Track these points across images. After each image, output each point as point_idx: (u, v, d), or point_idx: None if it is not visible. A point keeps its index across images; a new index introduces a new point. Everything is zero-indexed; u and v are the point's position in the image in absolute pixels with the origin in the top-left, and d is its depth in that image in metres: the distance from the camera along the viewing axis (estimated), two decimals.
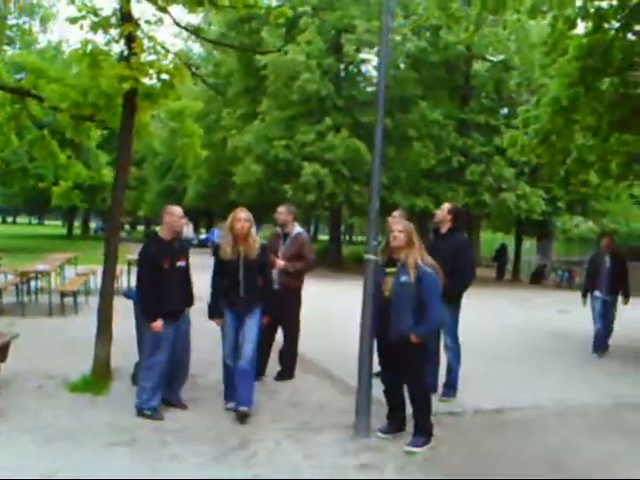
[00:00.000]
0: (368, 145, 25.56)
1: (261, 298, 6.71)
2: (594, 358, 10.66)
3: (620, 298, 11.02)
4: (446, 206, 7.92)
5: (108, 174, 38.42)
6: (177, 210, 6.71)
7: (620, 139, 11.31)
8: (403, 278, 5.91)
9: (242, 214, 6.60)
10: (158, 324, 6.32)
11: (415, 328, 5.86)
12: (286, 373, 8.29)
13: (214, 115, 33.27)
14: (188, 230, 33.89)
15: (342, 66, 29.09)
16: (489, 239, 41.57)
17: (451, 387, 7.70)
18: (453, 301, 7.57)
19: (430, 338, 6.37)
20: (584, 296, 11.12)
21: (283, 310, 7.77)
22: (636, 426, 7.06)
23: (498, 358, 10.20)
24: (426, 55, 27.34)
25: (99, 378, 7.34)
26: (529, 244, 35.69)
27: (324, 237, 59.83)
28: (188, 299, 6.78)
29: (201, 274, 8.10)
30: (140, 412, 6.43)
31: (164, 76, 7.76)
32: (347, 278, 23.64)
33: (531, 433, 6.62)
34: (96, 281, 14.55)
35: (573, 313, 17.01)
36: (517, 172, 26.52)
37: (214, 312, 6.73)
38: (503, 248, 31.31)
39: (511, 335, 12.62)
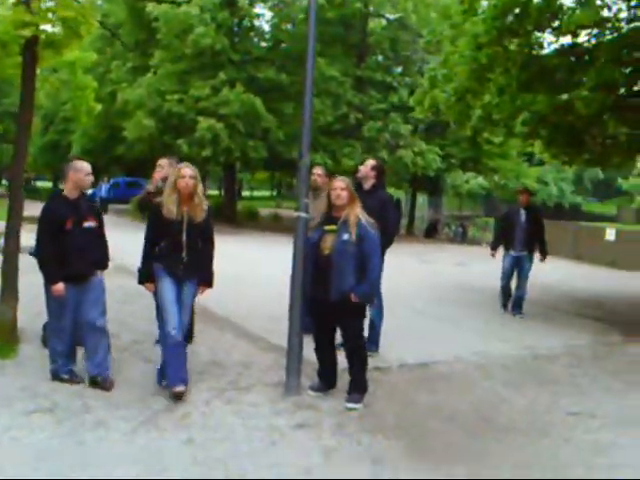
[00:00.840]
0: (263, 100, 25.21)
1: (202, 265, 6.09)
2: (511, 317, 10.45)
3: (537, 255, 10.63)
4: (370, 162, 7.72)
5: None
6: (85, 166, 5.96)
7: (525, 99, 11.44)
8: (345, 236, 5.73)
9: (187, 170, 5.86)
10: (58, 287, 5.72)
11: (356, 287, 5.71)
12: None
13: (102, 68, 31.79)
14: (105, 187, 32.61)
15: (236, 20, 28.33)
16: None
17: (374, 342, 7.61)
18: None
19: (371, 296, 6.16)
20: (494, 249, 11.03)
21: None
22: (553, 376, 7.21)
23: (413, 312, 10.24)
24: (323, 11, 26.97)
25: (5, 341, 6.80)
26: (422, 199, 36.39)
27: (213, 192, 59.07)
28: (98, 262, 6.03)
29: None
30: (56, 376, 5.99)
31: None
32: (244, 234, 23.50)
33: (457, 386, 6.65)
34: None
35: (470, 266, 17.52)
36: (413, 129, 26.78)
37: (145, 276, 6.00)
38: (398, 203, 31.64)
39: (420, 289, 12.74)
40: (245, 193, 76.60)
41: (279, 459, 4.68)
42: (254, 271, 13.13)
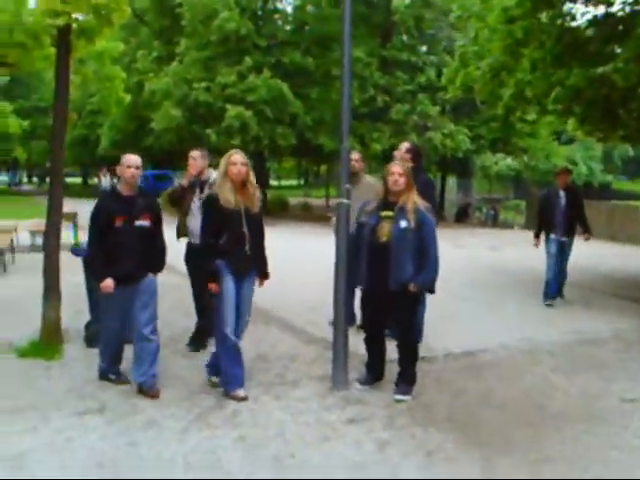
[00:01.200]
0: (290, 85, 25.05)
1: (262, 258, 5.91)
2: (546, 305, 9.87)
3: (579, 237, 10.22)
4: (404, 145, 7.62)
5: (14, 124, 36.72)
6: (128, 158, 5.69)
7: (559, 74, 11.20)
8: (403, 223, 5.55)
9: (238, 156, 5.60)
10: (106, 283, 5.53)
11: (415, 277, 5.56)
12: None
13: (127, 58, 31.81)
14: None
15: (260, 4, 28.15)
16: None
17: (418, 331, 7.52)
18: None
19: (431, 285, 5.90)
20: (537, 236, 10.25)
21: None
22: (602, 361, 7.08)
23: (453, 298, 10.09)
24: None
25: (50, 342, 6.81)
26: (451, 182, 36.09)
27: None
28: (150, 264, 5.76)
29: None
30: (103, 376, 5.98)
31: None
32: (277, 224, 23.30)
33: (505, 374, 6.56)
34: (18, 238, 13.80)
35: (503, 250, 17.31)
36: (440, 110, 26.47)
37: (213, 275, 5.57)
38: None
39: (457, 274, 12.57)
40: (272, 182, 76.37)
41: (333, 456, 4.63)
42: (291, 261, 13.08)
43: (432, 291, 5.92)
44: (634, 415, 5.48)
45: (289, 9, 29.93)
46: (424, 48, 30.03)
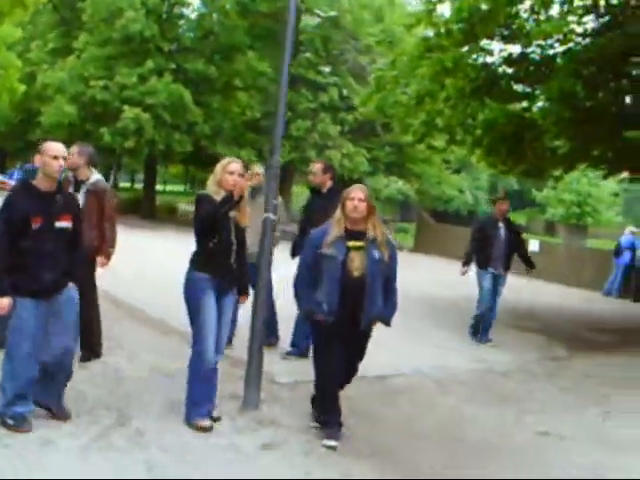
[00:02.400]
0: (192, 92, 24.56)
1: (245, 273, 5.41)
2: (477, 341, 9.32)
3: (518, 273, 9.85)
4: (319, 166, 7.33)
5: None
6: (52, 147, 4.76)
7: (472, 106, 11.36)
8: (376, 255, 5.01)
9: (236, 166, 5.13)
10: (3, 303, 4.57)
11: (383, 312, 5.11)
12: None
13: (20, 47, 30.29)
14: None
15: (166, 7, 27.52)
16: (298, 192, 41.90)
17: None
18: None
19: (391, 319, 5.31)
20: (466, 264, 9.42)
21: None
22: (512, 393, 7.09)
23: None
24: (255, 4, 26.53)
25: None
26: None
27: (125, 184, 57.58)
28: (70, 272, 4.90)
29: None
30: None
31: None
32: (167, 229, 22.51)
33: (419, 402, 6.42)
34: None
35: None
36: (341, 130, 26.64)
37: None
38: None
39: None
40: (158, 187, 74.66)
41: None
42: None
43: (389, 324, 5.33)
44: (551, 449, 5.43)
45: (193, 15, 29.47)
46: (328, 68, 30.21)
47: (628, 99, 10.99)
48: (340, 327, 4.99)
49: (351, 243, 5.01)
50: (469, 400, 6.58)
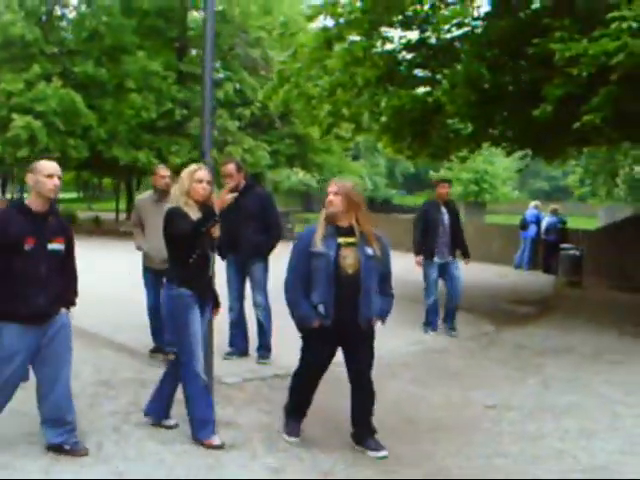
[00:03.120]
0: (83, 96, 23.85)
1: (212, 285, 5.30)
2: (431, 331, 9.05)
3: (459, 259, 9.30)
4: (231, 167, 7.17)
5: None
6: (46, 166, 4.52)
7: (382, 94, 11.54)
8: (369, 251, 4.82)
9: (203, 173, 4.91)
10: None
11: (381, 310, 4.99)
12: None
13: None
14: None
15: (45, 9, 26.59)
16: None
17: (266, 348, 7.28)
18: (265, 257, 7.22)
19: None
20: (419, 254, 8.91)
21: None
22: (453, 370, 7.31)
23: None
24: (139, 2, 26.00)
25: None
26: None
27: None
28: (64, 297, 4.67)
29: None
30: None
31: None
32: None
33: None
34: None
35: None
36: (239, 126, 26.51)
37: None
38: None
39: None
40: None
41: None
42: (101, 279, 12.25)
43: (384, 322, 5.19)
44: (502, 421, 5.66)
45: (71, 15, 28.53)
46: (218, 63, 29.91)
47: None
48: (338, 330, 4.85)
49: (342, 239, 4.83)
50: (415, 381, 6.77)
